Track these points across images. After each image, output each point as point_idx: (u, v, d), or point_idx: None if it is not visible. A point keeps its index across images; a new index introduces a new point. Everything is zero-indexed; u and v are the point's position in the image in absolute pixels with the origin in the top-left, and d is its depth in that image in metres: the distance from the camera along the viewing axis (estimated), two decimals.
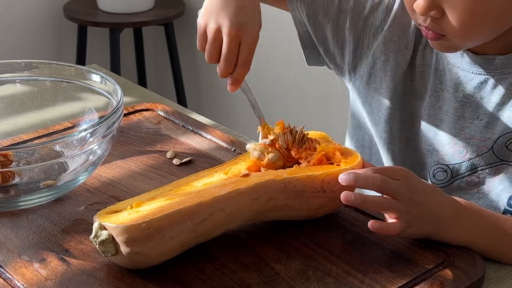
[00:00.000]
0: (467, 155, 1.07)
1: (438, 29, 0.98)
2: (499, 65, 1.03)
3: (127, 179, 1.06)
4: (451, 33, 0.98)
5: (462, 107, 1.07)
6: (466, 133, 1.07)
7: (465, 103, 1.07)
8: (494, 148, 1.04)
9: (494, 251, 0.92)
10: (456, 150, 1.08)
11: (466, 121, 1.07)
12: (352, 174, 0.90)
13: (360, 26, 1.16)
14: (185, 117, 1.24)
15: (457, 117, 1.08)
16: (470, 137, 1.06)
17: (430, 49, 1.11)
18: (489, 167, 1.06)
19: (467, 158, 1.07)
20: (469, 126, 1.07)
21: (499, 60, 1.03)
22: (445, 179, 1.09)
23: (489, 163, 1.05)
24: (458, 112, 1.07)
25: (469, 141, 1.07)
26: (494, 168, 1.05)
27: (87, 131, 0.96)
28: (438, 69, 1.10)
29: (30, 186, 1.01)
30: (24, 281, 0.85)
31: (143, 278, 0.85)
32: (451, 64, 1.08)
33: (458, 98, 1.07)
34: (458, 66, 1.07)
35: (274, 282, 0.85)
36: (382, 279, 0.85)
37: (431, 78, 1.10)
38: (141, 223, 0.83)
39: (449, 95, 1.08)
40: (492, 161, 1.05)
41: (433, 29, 0.99)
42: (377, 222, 0.88)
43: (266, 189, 0.90)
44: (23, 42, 2.77)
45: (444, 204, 0.91)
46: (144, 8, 2.69)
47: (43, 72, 1.12)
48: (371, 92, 1.17)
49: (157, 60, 3.05)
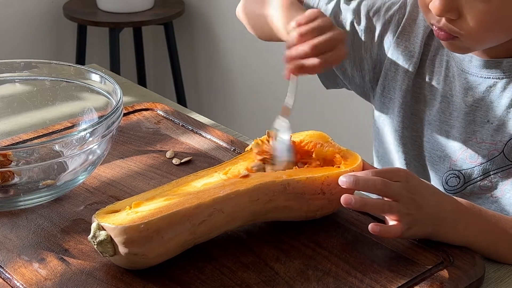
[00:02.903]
0: (479, 159, 1.07)
1: (452, 30, 0.98)
2: (507, 67, 1.04)
3: (127, 178, 1.06)
4: (465, 35, 0.98)
5: (473, 111, 1.07)
6: (477, 137, 1.07)
7: (475, 107, 1.07)
8: (505, 151, 1.04)
9: (494, 251, 0.92)
10: (468, 155, 1.08)
11: (477, 126, 1.07)
12: (352, 177, 0.89)
13: (376, 45, 1.16)
14: (184, 117, 1.24)
15: (467, 122, 1.08)
16: (481, 141, 1.06)
17: (440, 57, 1.11)
18: (501, 170, 1.05)
19: (478, 162, 1.07)
20: (480, 130, 1.07)
21: (506, 63, 1.04)
22: (457, 185, 1.09)
23: (501, 167, 1.05)
24: (469, 116, 1.08)
25: (480, 145, 1.07)
26: (506, 171, 1.05)
27: (86, 131, 0.96)
28: (448, 75, 1.10)
29: (30, 185, 1.01)
30: (23, 281, 0.85)
31: (142, 278, 0.85)
32: (460, 70, 1.08)
33: (468, 103, 1.08)
34: (467, 71, 1.07)
35: (274, 282, 0.85)
36: (382, 278, 0.85)
37: (441, 85, 1.11)
38: (140, 224, 0.83)
39: (458, 101, 1.08)
40: (503, 164, 1.05)
41: (446, 30, 0.99)
42: (378, 225, 0.88)
43: (265, 191, 0.90)
44: (23, 41, 2.77)
45: (444, 205, 0.91)
46: (144, 8, 2.69)
47: (42, 72, 1.12)
48: (386, 103, 1.17)
49: (157, 60, 3.05)
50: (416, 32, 1.13)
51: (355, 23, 1.17)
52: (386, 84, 1.17)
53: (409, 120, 1.14)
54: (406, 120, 1.15)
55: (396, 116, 1.15)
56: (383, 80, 1.17)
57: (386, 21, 1.16)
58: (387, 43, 1.16)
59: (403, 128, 1.15)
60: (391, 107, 1.17)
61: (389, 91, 1.16)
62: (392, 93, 1.16)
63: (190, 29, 2.87)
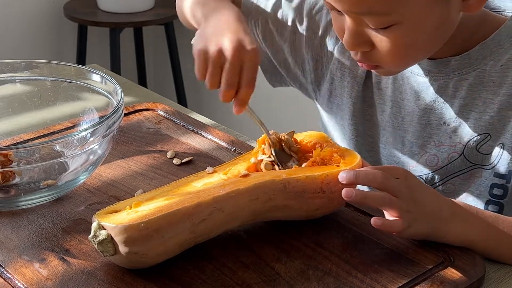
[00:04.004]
0: (439, 163, 1.05)
1: (371, 60, 0.97)
2: (456, 66, 1.01)
3: (128, 179, 1.06)
4: (384, 64, 0.96)
5: (427, 114, 1.05)
6: (435, 140, 1.05)
7: (428, 110, 1.05)
8: (465, 152, 1.03)
9: (493, 251, 0.92)
10: (428, 159, 1.06)
11: (433, 128, 1.05)
12: (352, 171, 0.89)
13: (317, 45, 1.14)
14: (185, 117, 1.24)
15: (423, 126, 1.06)
16: (440, 144, 1.04)
17: None
18: (463, 172, 1.04)
19: (439, 166, 1.05)
20: (437, 133, 1.05)
21: (454, 62, 1.01)
22: None
23: (462, 169, 1.03)
24: (424, 120, 1.06)
25: (439, 148, 1.05)
26: (468, 173, 1.03)
27: (87, 131, 0.96)
28: (397, 78, 1.08)
29: (31, 186, 1.01)
30: (24, 281, 0.85)
31: (143, 278, 0.85)
32: (410, 72, 1.06)
33: (420, 106, 1.05)
34: (416, 73, 1.05)
35: (274, 282, 0.85)
36: (382, 278, 0.85)
37: (390, 89, 1.09)
38: (140, 223, 0.83)
39: (410, 104, 1.06)
40: (464, 166, 1.03)
41: (366, 62, 0.97)
42: (380, 219, 0.88)
43: (265, 190, 0.90)
44: (23, 41, 2.77)
45: (442, 204, 0.91)
46: (144, 8, 2.69)
47: (43, 72, 1.12)
48: (334, 109, 1.16)
49: (157, 60, 3.05)
50: None
51: (297, 21, 1.14)
52: (332, 90, 1.14)
53: (363, 127, 1.12)
54: (360, 126, 1.12)
55: (348, 124, 1.13)
56: (330, 85, 1.14)
57: (328, 22, 1.12)
58: (330, 45, 1.13)
59: (357, 136, 1.13)
60: (339, 113, 1.15)
61: (336, 97, 1.14)
62: (339, 99, 1.14)
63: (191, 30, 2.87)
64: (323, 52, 1.14)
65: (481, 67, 1.00)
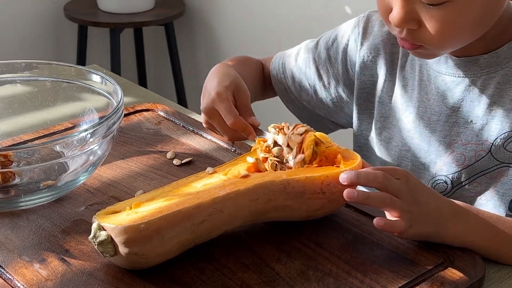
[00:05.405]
0: (466, 161, 1.05)
1: (415, 39, 0.98)
2: (484, 64, 1.02)
3: (128, 179, 1.06)
4: (428, 43, 0.97)
5: (454, 113, 1.06)
6: (462, 139, 1.05)
7: (456, 108, 1.06)
8: (492, 150, 1.03)
9: (493, 252, 0.92)
10: (454, 158, 1.06)
11: (460, 127, 1.05)
12: (353, 172, 0.89)
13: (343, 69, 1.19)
14: (185, 117, 1.24)
15: (451, 124, 1.06)
16: (466, 143, 1.05)
17: (411, 62, 1.10)
18: (490, 171, 1.04)
19: (466, 164, 1.05)
20: (464, 132, 1.05)
21: (483, 60, 1.02)
22: (446, 190, 1.07)
23: (489, 167, 1.04)
24: (451, 118, 1.06)
25: (466, 147, 1.05)
26: (495, 171, 1.04)
27: (87, 132, 0.96)
28: (422, 79, 1.09)
29: (31, 186, 1.01)
30: (24, 281, 0.85)
31: (143, 279, 0.85)
32: (437, 72, 1.07)
33: (448, 105, 1.06)
34: (444, 73, 1.06)
35: (274, 283, 0.85)
36: (382, 279, 0.85)
37: (416, 90, 1.09)
38: (140, 223, 0.83)
39: (437, 104, 1.07)
40: (491, 164, 1.04)
41: (410, 40, 0.98)
42: (383, 219, 0.88)
43: (265, 190, 0.90)
44: (23, 42, 2.77)
45: (443, 206, 0.91)
46: (144, 8, 2.69)
47: (43, 73, 1.12)
48: (361, 113, 1.17)
49: (157, 60, 3.05)
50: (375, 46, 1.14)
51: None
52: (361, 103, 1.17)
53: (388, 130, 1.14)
54: (386, 130, 1.14)
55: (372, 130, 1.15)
56: (357, 99, 1.17)
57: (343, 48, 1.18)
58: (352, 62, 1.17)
59: (384, 138, 1.14)
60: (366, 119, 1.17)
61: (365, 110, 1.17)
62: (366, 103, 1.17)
63: (191, 30, 2.87)
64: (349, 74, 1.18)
65: (509, 66, 1.02)
